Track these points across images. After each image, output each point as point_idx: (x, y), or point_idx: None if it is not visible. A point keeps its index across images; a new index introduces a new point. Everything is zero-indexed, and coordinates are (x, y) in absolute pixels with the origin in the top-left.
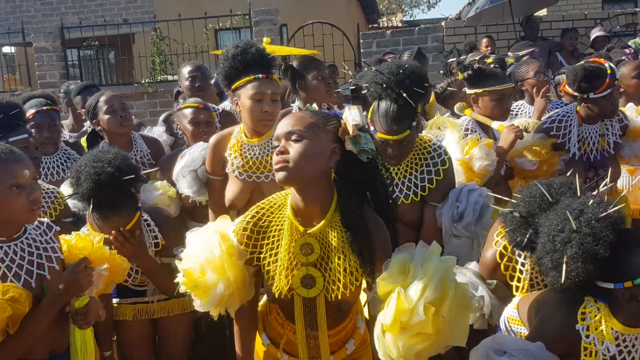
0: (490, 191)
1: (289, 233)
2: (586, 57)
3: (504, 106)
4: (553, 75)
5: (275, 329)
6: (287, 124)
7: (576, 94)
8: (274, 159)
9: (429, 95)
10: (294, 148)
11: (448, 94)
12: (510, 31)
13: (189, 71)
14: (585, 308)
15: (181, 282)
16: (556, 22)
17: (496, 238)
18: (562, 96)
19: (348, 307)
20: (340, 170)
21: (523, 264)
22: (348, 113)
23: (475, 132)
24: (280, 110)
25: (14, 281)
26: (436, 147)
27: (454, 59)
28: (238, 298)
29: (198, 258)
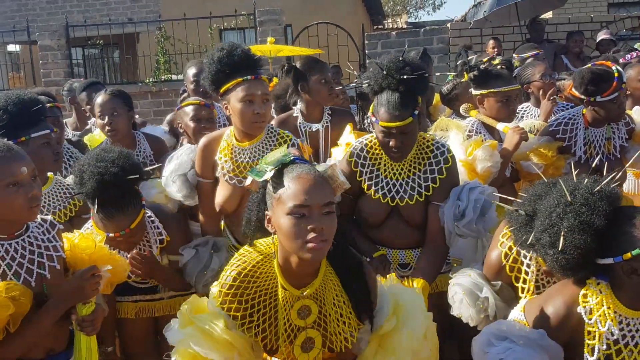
0: (495, 190)
1: (283, 300)
2: (592, 60)
3: (510, 108)
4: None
5: None
6: (319, 193)
7: (583, 97)
8: (311, 237)
9: (431, 93)
10: (329, 224)
11: (454, 96)
12: (516, 33)
13: (194, 74)
14: (587, 290)
15: None
16: (562, 25)
17: (501, 239)
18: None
19: (351, 357)
20: None
21: (528, 265)
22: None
23: (480, 134)
24: (270, 110)
25: (14, 279)
26: (439, 146)
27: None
28: None
29: (197, 343)
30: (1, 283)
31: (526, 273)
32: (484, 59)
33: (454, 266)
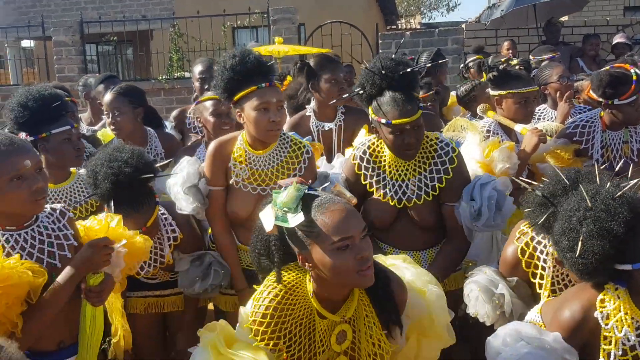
0: (507, 179)
1: (321, 329)
2: (608, 63)
3: (528, 109)
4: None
5: None
6: (356, 220)
7: (601, 100)
8: (362, 266)
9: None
10: (369, 248)
11: (472, 97)
12: (531, 35)
13: (200, 72)
14: (605, 295)
15: None
16: (578, 28)
17: (518, 235)
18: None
19: None
20: None
21: (545, 261)
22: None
23: (497, 134)
24: (285, 116)
25: None
26: (443, 145)
27: (470, 61)
28: None
29: None
30: (14, 257)
31: (542, 269)
32: (502, 60)
33: (469, 265)
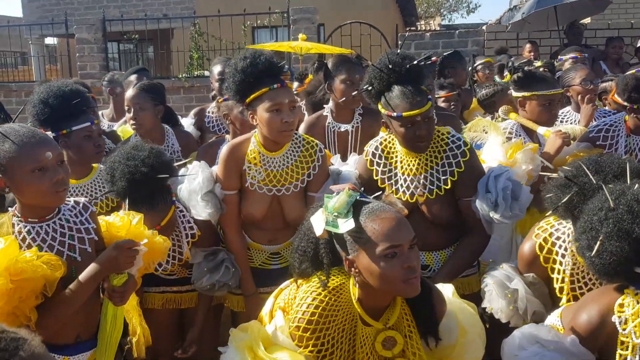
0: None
1: (363, 335)
2: (632, 67)
3: (552, 112)
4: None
5: None
6: (406, 229)
7: (625, 104)
8: (409, 276)
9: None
10: (417, 257)
11: (497, 99)
12: (553, 38)
13: (219, 72)
14: (624, 300)
15: None
16: (601, 30)
17: (537, 231)
18: (607, 105)
19: None
20: None
21: (563, 256)
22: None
23: (519, 136)
24: (298, 116)
25: None
26: (454, 139)
27: (480, 63)
28: None
29: None
30: (32, 250)
31: (561, 264)
32: (525, 61)
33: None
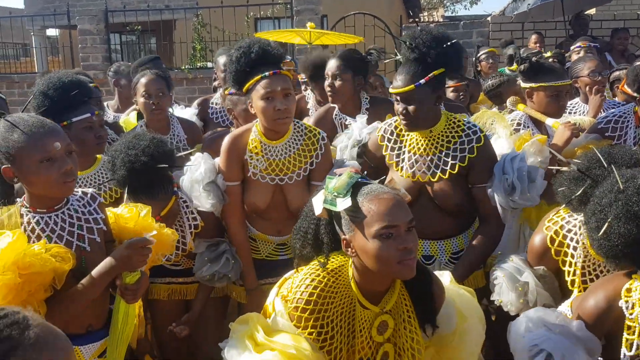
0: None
1: (362, 319)
2: (639, 58)
3: (560, 103)
4: (609, 73)
5: None
6: (403, 211)
7: (635, 95)
8: (404, 257)
9: (476, 89)
10: (414, 240)
11: (503, 90)
12: (559, 29)
13: (224, 63)
14: (631, 285)
15: None
16: (607, 22)
17: (547, 224)
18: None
19: None
20: None
21: (575, 248)
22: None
23: (527, 128)
24: (294, 104)
25: None
26: (470, 125)
27: (484, 53)
28: None
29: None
30: (40, 242)
31: (572, 256)
32: (534, 52)
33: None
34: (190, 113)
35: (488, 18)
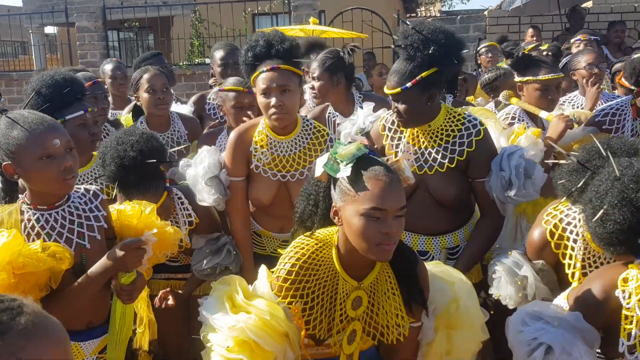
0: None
1: (341, 289)
2: (635, 51)
3: (550, 97)
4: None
5: None
6: (396, 197)
7: (633, 88)
8: (383, 241)
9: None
10: (399, 227)
11: (499, 83)
12: (555, 22)
13: (221, 57)
14: (628, 274)
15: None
16: (604, 15)
17: (546, 217)
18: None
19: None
20: None
21: (575, 241)
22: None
23: (522, 121)
24: (294, 99)
25: None
26: (471, 119)
27: (484, 46)
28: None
29: (257, 334)
30: (38, 241)
31: (572, 249)
32: (532, 46)
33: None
34: (185, 110)
35: (485, 12)
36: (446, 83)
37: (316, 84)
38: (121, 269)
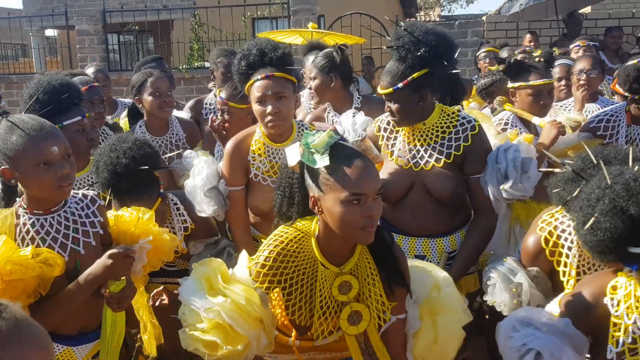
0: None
1: (322, 278)
2: (632, 57)
3: (541, 102)
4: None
5: None
6: (372, 179)
7: (626, 94)
8: (367, 224)
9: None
10: (379, 209)
11: (495, 89)
12: (553, 28)
13: (225, 65)
14: (617, 282)
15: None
16: (601, 20)
17: (541, 224)
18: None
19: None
20: None
21: (570, 248)
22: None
23: (515, 127)
24: (289, 107)
25: None
26: (465, 115)
27: (483, 52)
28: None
29: (232, 317)
30: (29, 247)
31: (567, 256)
32: (524, 51)
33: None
34: (182, 116)
35: (483, 18)
36: (439, 84)
37: (313, 84)
38: (109, 277)
